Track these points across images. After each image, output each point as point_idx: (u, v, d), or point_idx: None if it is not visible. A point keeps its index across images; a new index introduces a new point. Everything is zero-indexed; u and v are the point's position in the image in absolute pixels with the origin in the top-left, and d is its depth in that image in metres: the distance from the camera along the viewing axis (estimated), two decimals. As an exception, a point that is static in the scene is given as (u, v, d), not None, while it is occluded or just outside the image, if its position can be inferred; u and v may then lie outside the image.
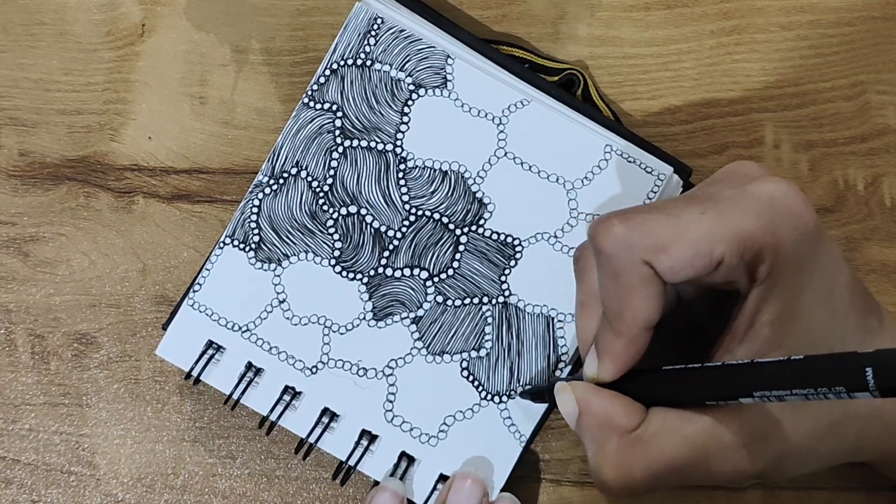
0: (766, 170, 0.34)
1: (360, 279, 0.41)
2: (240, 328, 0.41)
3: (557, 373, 0.40)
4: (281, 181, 0.41)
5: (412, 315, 0.41)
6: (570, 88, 0.43)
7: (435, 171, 0.41)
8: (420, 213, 0.41)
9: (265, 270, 0.41)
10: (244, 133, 0.44)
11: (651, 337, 0.34)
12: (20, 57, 0.45)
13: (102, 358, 0.43)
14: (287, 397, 0.41)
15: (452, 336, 0.41)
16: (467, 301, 0.41)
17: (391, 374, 0.41)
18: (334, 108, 0.41)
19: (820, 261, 0.33)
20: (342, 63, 0.41)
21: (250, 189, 0.42)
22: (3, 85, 0.45)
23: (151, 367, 0.43)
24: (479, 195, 0.41)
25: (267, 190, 0.41)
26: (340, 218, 0.41)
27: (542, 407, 0.40)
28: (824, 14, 0.45)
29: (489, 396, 0.41)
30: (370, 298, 0.41)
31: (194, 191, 0.44)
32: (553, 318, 0.41)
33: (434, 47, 0.41)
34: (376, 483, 0.41)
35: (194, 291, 0.41)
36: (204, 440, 0.43)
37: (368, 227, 0.41)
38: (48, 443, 0.43)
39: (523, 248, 0.41)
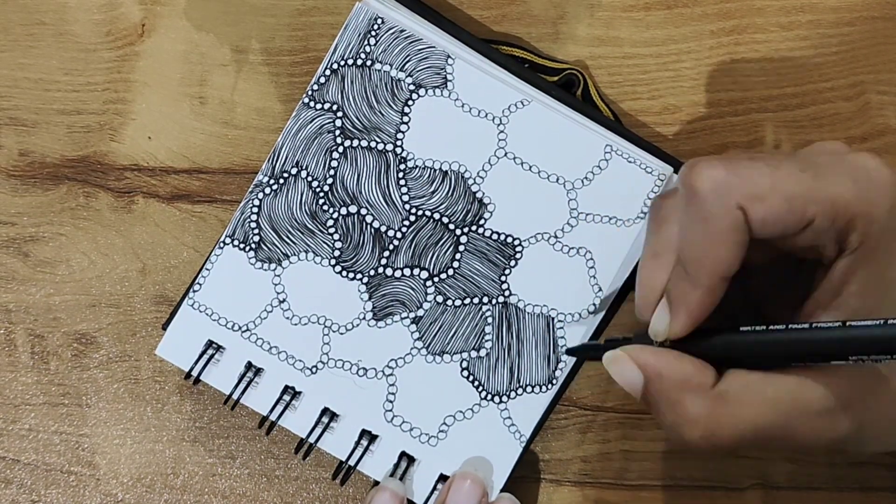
0: (851, 147, 0.33)
1: (360, 279, 0.41)
2: (240, 328, 0.41)
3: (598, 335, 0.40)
4: (281, 181, 0.41)
5: (412, 315, 0.41)
6: (570, 88, 0.43)
7: (435, 171, 0.41)
8: (420, 213, 0.41)
9: (265, 270, 0.41)
10: (244, 133, 0.44)
11: (726, 290, 0.33)
12: (20, 57, 0.45)
13: (102, 358, 0.43)
14: (287, 397, 0.41)
15: (452, 336, 0.41)
16: (467, 301, 0.41)
17: (391, 374, 0.41)
18: (334, 108, 0.41)
19: None
20: (342, 63, 0.41)
21: (250, 189, 0.42)
22: (3, 85, 0.45)
23: (151, 367, 0.43)
24: (479, 195, 0.41)
25: (267, 190, 0.41)
26: (340, 218, 0.41)
27: (542, 407, 0.40)
28: (824, 14, 0.45)
29: (489, 396, 0.41)
30: (370, 298, 0.41)
31: (194, 191, 0.44)
32: (553, 319, 0.41)
33: (434, 47, 0.41)
34: (376, 483, 0.41)
35: (194, 291, 0.41)
36: (204, 440, 0.43)
37: (368, 226, 0.41)
38: (48, 443, 0.43)
39: (523, 248, 0.41)
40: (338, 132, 0.41)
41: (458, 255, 0.41)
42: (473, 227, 0.41)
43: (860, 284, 0.32)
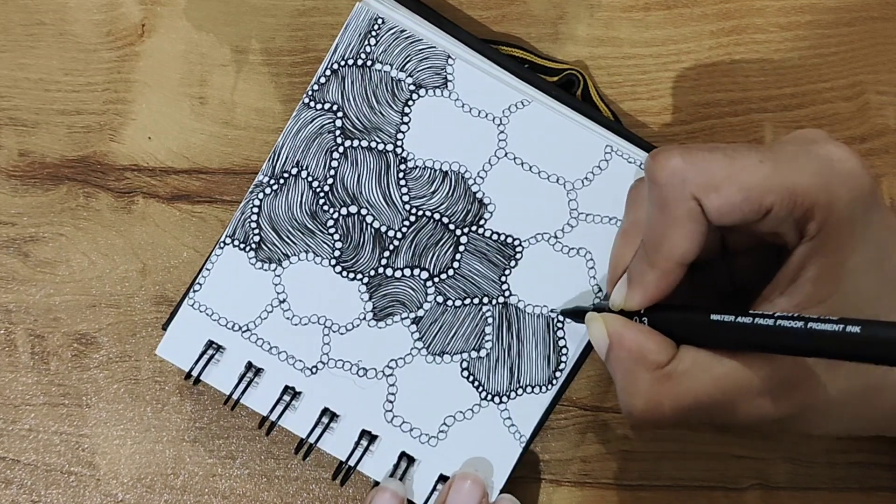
0: (830, 137, 0.34)
1: (361, 279, 0.41)
2: (240, 328, 0.41)
3: (596, 300, 0.41)
4: (281, 181, 0.41)
5: (412, 315, 0.41)
6: (569, 89, 0.43)
7: (435, 171, 0.41)
8: (420, 213, 0.41)
9: (265, 270, 0.41)
10: (244, 133, 0.44)
11: (683, 275, 0.34)
12: (20, 57, 0.45)
13: (102, 358, 0.43)
14: (287, 397, 0.41)
15: (452, 336, 0.41)
16: (467, 301, 0.41)
17: (391, 374, 0.41)
18: (335, 108, 0.41)
19: (873, 226, 0.33)
20: (342, 63, 0.41)
21: (250, 189, 0.42)
22: (3, 85, 0.45)
23: (151, 368, 0.43)
24: (479, 195, 0.41)
25: (267, 190, 0.41)
26: (341, 218, 0.41)
27: (542, 407, 0.40)
28: (823, 14, 0.45)
29: (489, 397, 0.41)
30: (370, 298, 0.41)
31: (194, 191, 0.44)
32: (553, 319, 0.41)
33: (434, 47, 0.41)
34: (376, 483, 0.41)
35: (194, 291, 0.41)
36: (204, 440, 0.43)
37: (369, 227, 0.41)
38: (48, 443, 0.43)
39: (523, 248, 0.41)
40: (338, 132, 0.41)
41: (458, 256, 0.41)
42: (473, 228, 0.41)
43: (816, 271, 0.32)
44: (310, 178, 0.41)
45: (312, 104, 0.41)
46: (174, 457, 0.43)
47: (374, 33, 0.41)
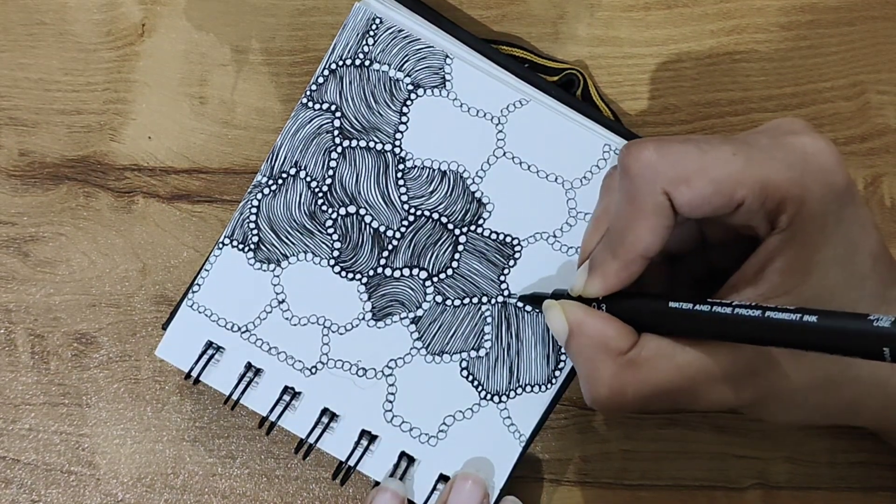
0: (809, 127, 0.34)
1: (360, 279, 0.41)
2: (239, 329, 0.41)
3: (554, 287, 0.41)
4: (280, 181, 0.41)
5: (411, 315, 0.41)
6: (569, 88, 0.43)
7: (434, 170, 0.41)
8: (419, 212, 0.41)
9: (264, 271, 0.41)
10: (244, 133, 0.44)
11: (644, 267, 0.34)
12: (20, 57, 0.45)
13: (102, 358, 0.43)
14: (287, 397, 0.41)
15: (452, 336, 0.41)
16: (466, 301, 0.41)
17: (391, 374, 0.41)
18: (333, 108, 0.41)
19: (845, 221, 0.33)
20: (341, 63, 0.41)
21: (249, 189, 0.42)
22: (3, 85, 0.45)
23: (151, 367, 0.43)
24: (477, 195, 0.41)
25: (266, 190, 0.41)
26: (339, 218, 0.41)
27: (542, 406, 0.40)
28: (824, 14, 0.45)
29: (489, 396, 0.41)
30: (369, 298, 0.41)
31: (194, 191, 0.44)
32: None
33: (433, 47, 0.41)
34: (377, 483, 0.41)
35: (193, 292, 0.41)
36: (204, 440, 0.43)
37: (367, 227, 0.41)
38: (48, 442, 0.43)
39: (522, 247, 0.41)
40: (336, 132, 0.41)
41: (457, 255, 0.41)
42: (472, 227, 0.41)
43: (784, 263, 0.32)
44: (308, 179, 0.41)
45: (311, 104, 0.41)
46: (174, 456, 0.43)
47: (371, 33, 0.41)
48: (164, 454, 0.43)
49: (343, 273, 0.41)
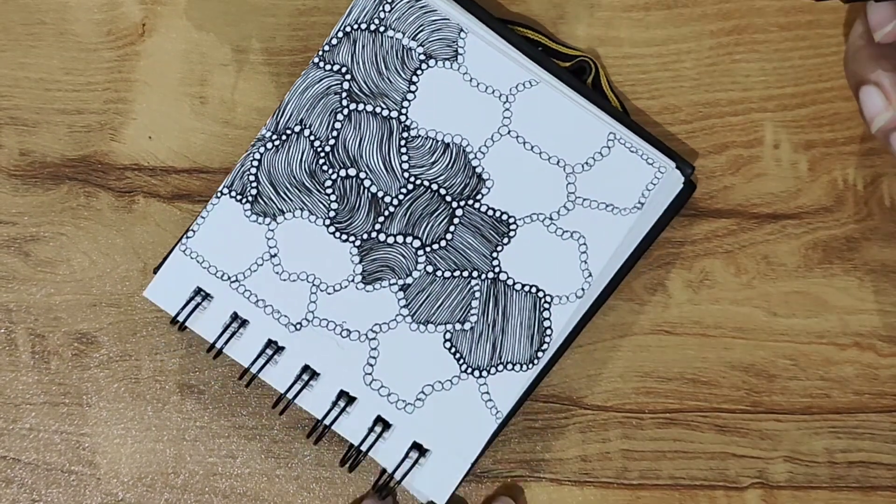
0: None
1: (353, 241, 0.41)
2: (229, 278, 0.41)
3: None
4: (284, 137, 0.42)
5: (401, 282, 0.41)
6: (581, 75, 0.43)
7: (437, 142, 0.41)
8: (418, 182, 0.41)
9: (259, 224, 0.41)
10: (244, 133, 0.44)
11: None
12: (21, 56, 0.45)
13: (103, 357, 0.43)
14: (270, 351, 0.41)
15: (439, 307, 0.41)
16: (457, 273, 0.41)
17: (374, 339, 0.41)
18: (343, 70, 0.42)
19: None
20: (355, 26, 0.42)
21: (252, 142, 0.42)
22: (4, 84, 0.45)
23: (152, 367, 0.43)
24: (478, 170, 0.41)
25: (269, 144, 0.42)
26: (339, 179, 0.41)
27: (522, 386, 0.40)
28: (823, 14, 0.45)
29: (469, 370, 0.41)
30: (361, 262, 0.41)
31: (195, 190, 0.44)
32: (541, 299, 0.41)
33: (448, 19, 0.41)
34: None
35: (187, 237, 0.41)
36: (204, 439, 0.43)
37: (366, 191, 0.41)
38: (49, 442, 0.43)
39: (518, 226, 0.41)
40: (344, 94, 0.42)
41: (451, 228, 0.41)
42: (470, 201, 0.41)
43: None
44: (312, 138, 0.41)
45: (322, 64, 0.42)
46: (175, 456, 0.43)
47: (389, 0, 0.41)
48: (164, 454, 0.43)
49: (337, 234, 0.41)
